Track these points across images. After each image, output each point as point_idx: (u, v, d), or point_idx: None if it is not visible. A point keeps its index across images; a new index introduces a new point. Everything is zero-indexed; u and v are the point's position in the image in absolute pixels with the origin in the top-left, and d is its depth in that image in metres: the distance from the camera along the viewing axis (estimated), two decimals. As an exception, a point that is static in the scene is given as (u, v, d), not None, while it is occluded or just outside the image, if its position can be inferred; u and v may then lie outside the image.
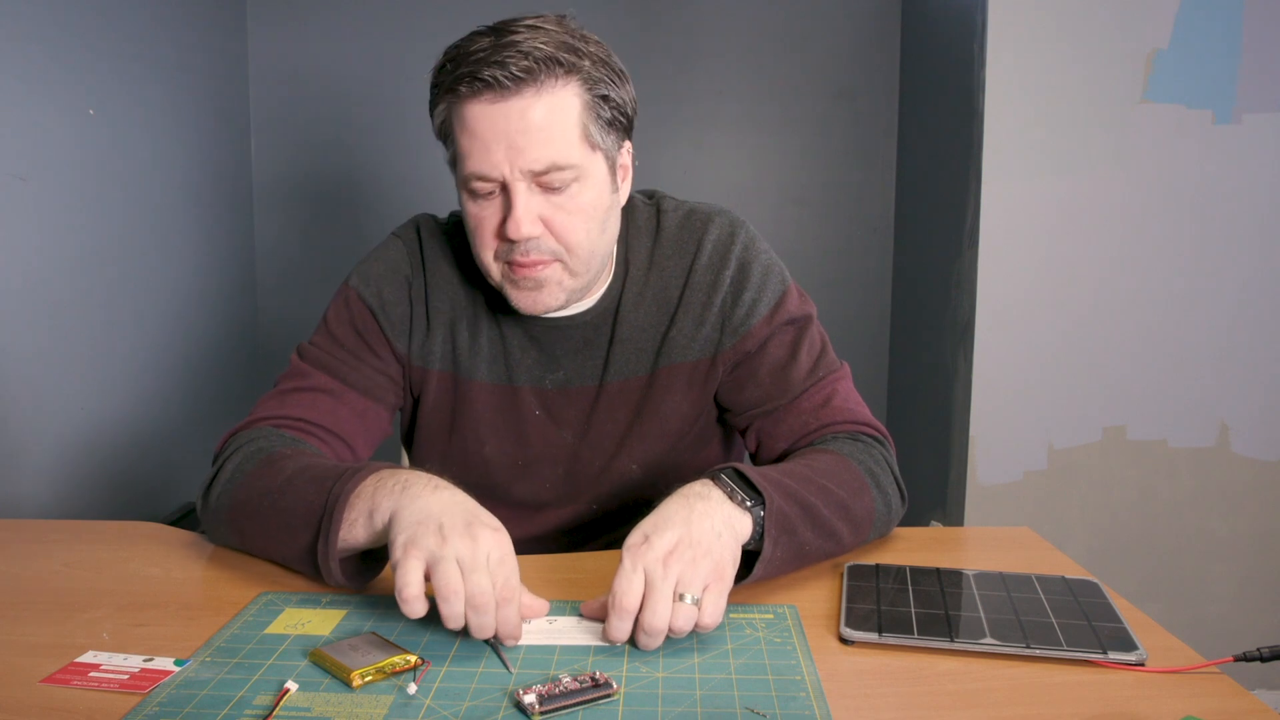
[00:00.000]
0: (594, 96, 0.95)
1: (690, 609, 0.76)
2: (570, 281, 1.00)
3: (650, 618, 0.75)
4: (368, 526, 0.82)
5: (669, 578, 0.76)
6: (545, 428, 1.10)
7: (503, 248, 0.97)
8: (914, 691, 0.72)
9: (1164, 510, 2.04)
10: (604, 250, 1.02)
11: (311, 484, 0.86)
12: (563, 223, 0.96)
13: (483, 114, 0.92)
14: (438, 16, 2.54)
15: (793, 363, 1.06)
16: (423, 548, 0.75)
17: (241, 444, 0.98)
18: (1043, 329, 1.99)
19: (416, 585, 0.74)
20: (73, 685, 0.71)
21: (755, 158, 2.63)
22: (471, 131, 0.93)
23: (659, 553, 0.77)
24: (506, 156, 0.92)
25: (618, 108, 0.98)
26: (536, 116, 0.92)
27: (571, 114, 0.94)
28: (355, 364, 1.06)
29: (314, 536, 0.84)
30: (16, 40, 1.69)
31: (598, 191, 0.98)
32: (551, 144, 0.93)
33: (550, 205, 0.95)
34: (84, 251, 1.90)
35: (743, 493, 0.84)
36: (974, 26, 1.99)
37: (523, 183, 0.93)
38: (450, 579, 0.73)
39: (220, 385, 2.44)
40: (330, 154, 2.61)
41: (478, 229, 0.98)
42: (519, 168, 0.93)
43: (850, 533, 0.92)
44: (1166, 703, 0.69)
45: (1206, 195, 1.95)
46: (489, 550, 0.76)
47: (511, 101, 0.91)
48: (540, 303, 1.00)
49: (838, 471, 0.94)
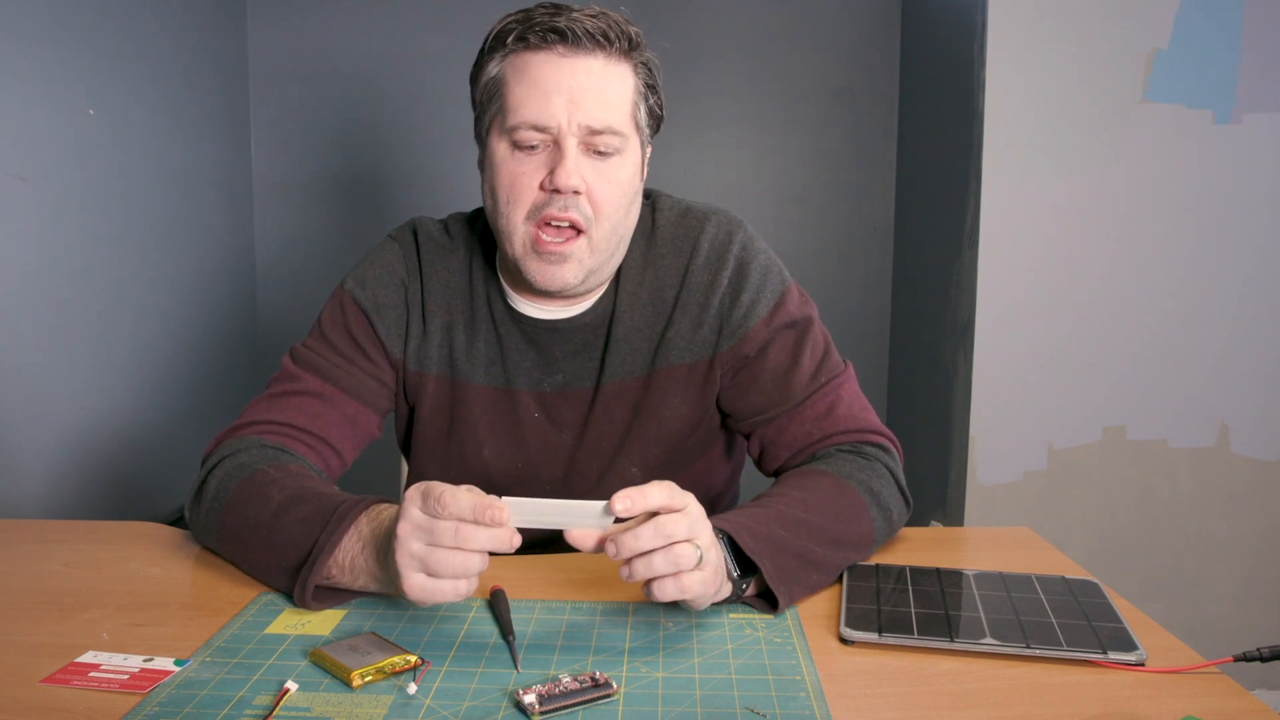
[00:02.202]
0: (645, 84, 1.01)
1: (692, 552, 0.73)
2: (590, 260, 0.99)
3: (667, 525, 0.73)
4: (375, 584, 0.83)
5: (694, 530, 0.75)
6: (544, 430, 1.09)
7: (538, 203, 0.97)
8: (914, 691, 0.72)
9: (1164, 510, 2.04)
10: (624, 233, 1.03)
11: (299, 525, 0.86)
12: (602, 191, 0.97)
13: (549, 64, 0.95)
14: (438, 15, 2.54)
15: (795, 368, 1.05)
16: (409, 580, 0.75)
17: (226, 455, 0.98)
18: (1043, 329, 1.99)
19: (436, 590, 0.75)
20: (73, 685, 0.71)
21: (755, 158, 2.63)
22: (533, 81, 0.95)
23: (697, 514, 0.76)
24: (566, 109, 0.94)
25: (657, 104, 1.03)
26: (601, 78, 0.96)
27: (629, 89, 0.98)
28: (347, 367, 1.06)
29: (294, 580, 0.85)
30: (16, 40, 1.69)
31: (632, 172, 1.01)
32: (611, 108, 0.96)
33: (594, 170, 0.97)
34: (84, 251, 1.90)
35: (731, 563, 0.83)
36: (974, 26, 1.99)
37: (575, 138, 0.95)
38: (440, 569, 0.74)
39: (220, 385, 2.44)
40: (330, 153, 2.61)
41: (514, 184, 0.97)
42: (576, 121, 0.95)
43: (850, 558, 0.93)
44: (1166, 703, 0.69)
45: (1206, 195, 1.95)
46: (409, 537, 0.75)
47: (580, 58, 0.95)
48: (560, 277, 0.99)
49: (835, 499, 0.94)
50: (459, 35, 1.12)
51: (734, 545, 0.83)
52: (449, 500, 0.73)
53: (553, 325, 1.07)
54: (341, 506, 0.85)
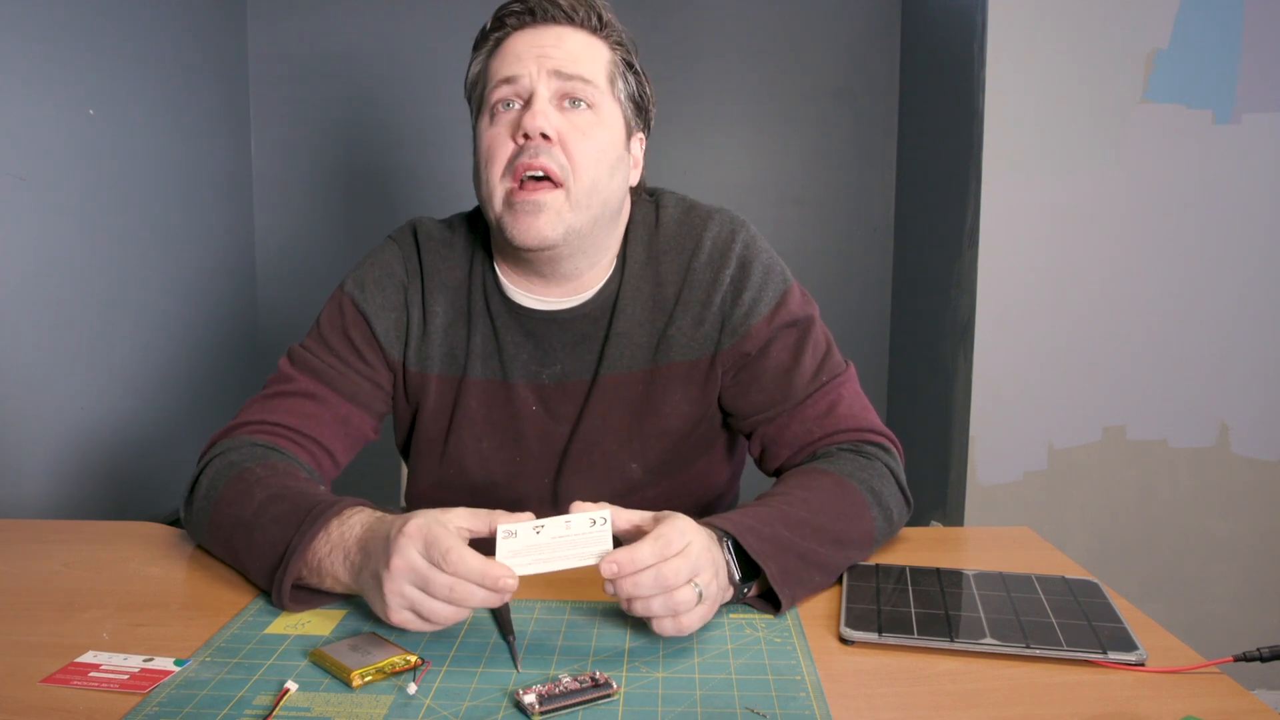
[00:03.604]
0: (621, 60, 1.04)
1: (691, 595, 0.75)
2: (570, 215, 0.99)
3: (668, 575, 0.74)
4: (341, 585, 0.84)
5: (694, 570, 0.76)
6: (542, 423, 1.09)
7: (512, 155, 0.99)
8: (914, 691, 0.72)
9: (1164, 510, 2.04)
10: (606, 196, 1.02)
11: (276, 524, 0.86)
12: (576, 142, 0.99)
13: (522, 38, 1.01)
14: (438, 14, 2.54)
15: (796, 367, 1.05)
16: (395, 615, 0.76)
17: (218, 454, 0.98)
18: (1043, 329, 1.99)
19: (420, 627, 0.77)
20: (73, 685, 0.71)
21: (755, 158, 2.63)
22: (506, 51, 1.01)
23: (698, 551, 0.77)
24: (536, 61, 0.99)
25: (639, 88, 1.06)
26: (572, 41, 1.00)
27: (601, 56, 1.02)
28: (343, 369, 1.06)
29: (271, 580, 0.85)
30: (16, 40, 1.69)
31: (611, 136, 1.02)
32: (580, 61, 1.00)
33: (567, 122, 0.99)
34: (84, 251, 1.90)
35: (734, 565, 0.83)
36: (974, 26, 1.99)
37: (545, 87, 0.99)
38: (432, 617, 0.75)
39: (220, 385, 2.44)
40: (331, 153, 2.61)
41: (490, 144, 1.00)
42: (545, 69, 0.98)
43: (851, 557, 0.93)
44: (1166, 703, 0.69)
45: (1206, 195, 1.95)
46: (402, 576, 0.75)
47: (551, 28, 1.01)
48: (537, 230, 0.98)
49: (836, 498, 0.94)
50: (459, 35, 1.12)
51: (737, 545, 0.83)
52: (456, 561, 0.73)
53: (551, 316, 1.06)
54: (316, 508, 0.85)
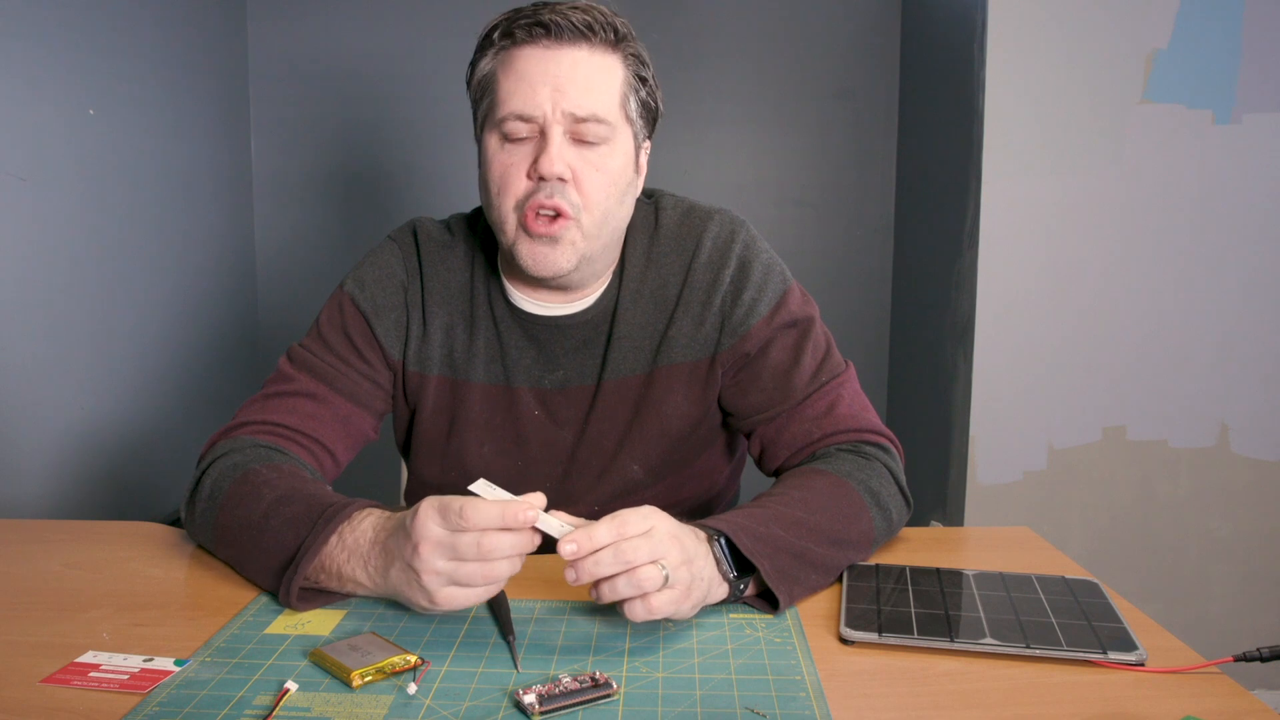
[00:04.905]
0: (634, 75, 1.01)
1: (657, 573, 0.74)
2: (583, 244, 0.99)
3: (627, 551, 0.73)
4: (362, 589, 0.84)
5: (657, 552, 0.75)
6: (544, 428, 1.09)
7: (527, 191, 0.98)
8: (914, 691, 0.72)
9: (1164, 510, 2.04)
10: (616, 223, 1.03)
11: (287, 526, 0.86)
12: (589, 178, 0.98)
13: (534, 57, 0.97)
14: (438, 15, 2.54)
15: (796, 367, 1.05)
16: (440, 594, 0.76)
17: (220, 455, 0.98)
18: (1043, 329, 1.99)
19: (469, 599, 0.77)
20: (73, 685, 0.71)
21: (755, 158, 2.63)
22: (519, 73, 0.97)
23: (662, 535, 0.76)
24: (551, 98, 0.96)
25: (650, 97, 1.04)
26: (586, 68, 0.97)
27: (616, 78, 0.99)
28: (343, 369, 1.06)
29: (279, 579, 0.85)
30: (16, 40, 1.69)
31: (623, 162, 1.01)
32: (596, 96, 0.97)
33: (580, 158, 0.98)
34: (84, 251, 1.90)
35: (729, 563, 0.83)
36: (974, 26, 1.99)
37: (560, 126, 0.96)
38: (471, 580, 0.75)
39: (220, 385, 2.44)
40: (331, 153, 2.61)
41: (503, 174, 0.99)
42: (561, 109, 0.96)
43: (849, 558, 0.93)
44: (1166, 703, 0.69)
45: (1206, 195, 1.95)
46: (432, 555, 0.75)
47: (565, 49, 0.97)
48: (551, 261, 0.99)
49: (833, 499, 0.93)
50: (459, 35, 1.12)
51: (732, 545, 0.83)
52: (471, 513, 0.73)
53: (554, 322, 1.06)
54: (328, 510, 0.85)
